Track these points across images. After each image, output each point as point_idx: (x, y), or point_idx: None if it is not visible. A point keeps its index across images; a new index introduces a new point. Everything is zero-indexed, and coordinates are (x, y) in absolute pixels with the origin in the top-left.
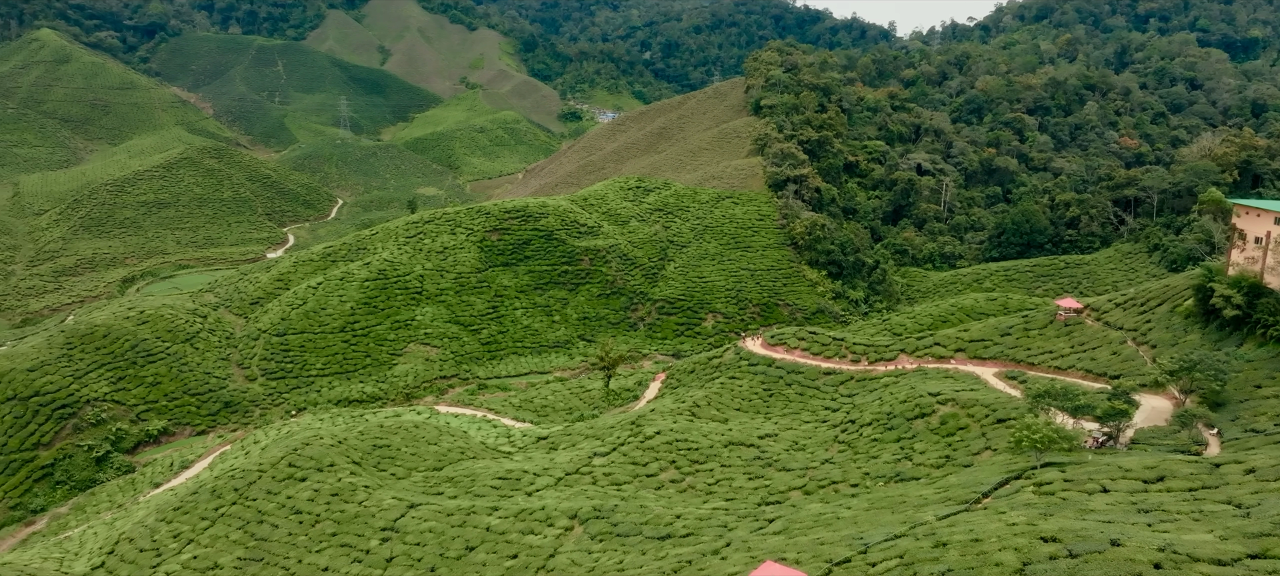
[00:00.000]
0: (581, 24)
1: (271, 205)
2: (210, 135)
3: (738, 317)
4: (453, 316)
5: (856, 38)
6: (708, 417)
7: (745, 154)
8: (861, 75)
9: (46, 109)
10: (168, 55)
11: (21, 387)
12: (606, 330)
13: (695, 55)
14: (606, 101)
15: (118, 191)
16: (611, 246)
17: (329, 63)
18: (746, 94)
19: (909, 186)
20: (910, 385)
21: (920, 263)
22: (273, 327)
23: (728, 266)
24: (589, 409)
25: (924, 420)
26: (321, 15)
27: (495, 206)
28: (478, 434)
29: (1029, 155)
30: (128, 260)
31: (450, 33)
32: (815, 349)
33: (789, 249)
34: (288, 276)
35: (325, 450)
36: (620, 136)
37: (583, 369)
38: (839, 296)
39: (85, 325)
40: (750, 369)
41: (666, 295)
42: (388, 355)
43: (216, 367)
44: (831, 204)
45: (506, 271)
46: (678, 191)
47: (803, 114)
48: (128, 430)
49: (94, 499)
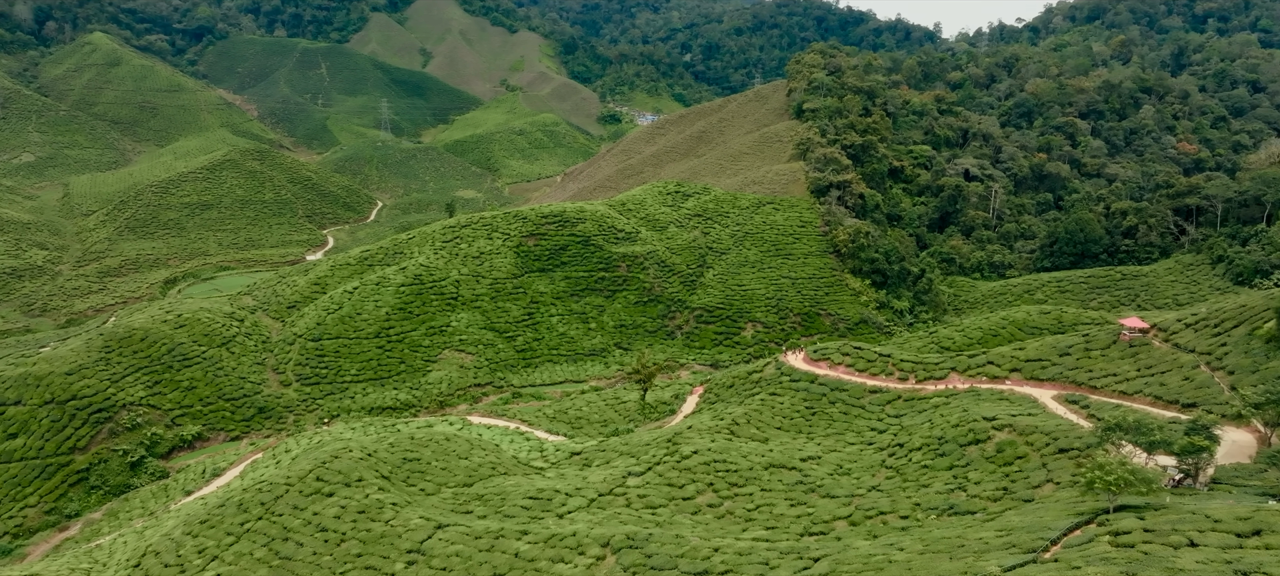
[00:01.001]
0: (622, 26)
1: (312, 207)
2: (254, 137)
3: (778, 327)
4: (488, 323)
5: (901, 39)
6: (747, 437)
7: (787, 158)
8: (907, 78)
9: (97, 111)
10: (215, 58)
11: (60, 391)
12: (643, 338)
13: (736, 57)
14: (646, 104)
15: (162, 193)
16: (649, 253)
17: (371, 65)
18: (788, 97)
19: (956, 193)
20: (962, 407)
21: (968, 272)
22: (308, 332)
23: (768, 274)
24: (624, 422)
25: (978, 446)
26: (365, 18)
27: (532, 211)
28: (510, 447)
29: (1082, 161)
30: (170, 261)
31: (491, 35)
32: (860, 365)
33: (831, 257)
34: (324, 280)
35: (354, 464)
36: (659, 140)
37: (618, 378)
38: (883, 306)
39: (123, 328)
40: (792, 385)
41: (705, 303)
42: (422, 362)
43: (252, 372)
44: (875, 210)
45: (543, 277)
46: (717, 197)
47: (846, 118)
48: (162, 435)
49: (127, 504)
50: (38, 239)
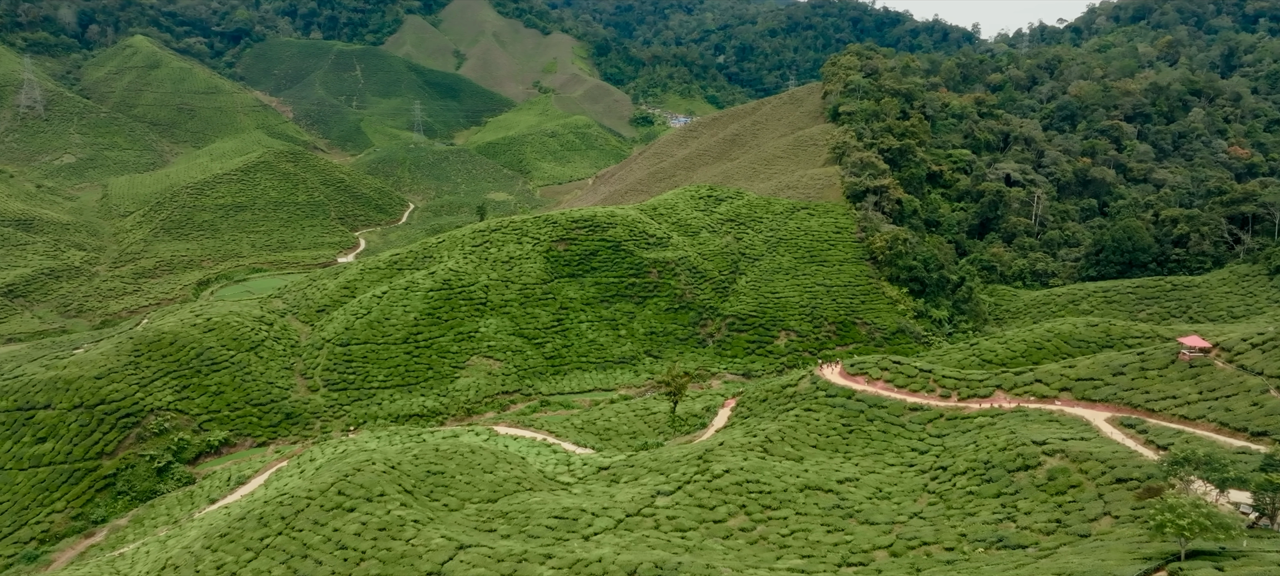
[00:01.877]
0: (655, 27)
1: (344, 209)
2: (289, 138)
3: (812, 336)
4: (516, 329)
5: (938, 41)
6: (781, 455)
7: (822, 163)
8: (945, 80)
9: (137, 113)
10: (252, 60)
11: (88, 395)
12: (674, 346)
13: (770, 59)
14: (679, 106)
15: (198, 194)
16: (681, 258)
17: (405, 67)
18: (824, 99)
19: (997, 198)
20: (1010, 429)
21: (1009, 280)
22: (336, 337)
23: (802, 281)
24: (654, 435)
25: (1028, 473)
26: (399, 20)
27: (563, 216)
28: (536, 460)
29: (1128, 165)
30: (204, 263)
31: (524, 37)
32: (900, 381)
33: (868, 264)
34: (354, 284)
35: (376, 477)
36: (692, 143)
37: (648, 387)
38: (921, 315)
39: (153, 332)
40: (828, 400)
41: (737, 311)
42: (450, 368)
43: (279, 377)
44: (913, 216)
45: (572, 283)
46: (750, 201)
47: (883, 121)
48: (189, 440)
49: (153, 511)
50: (76, 239)
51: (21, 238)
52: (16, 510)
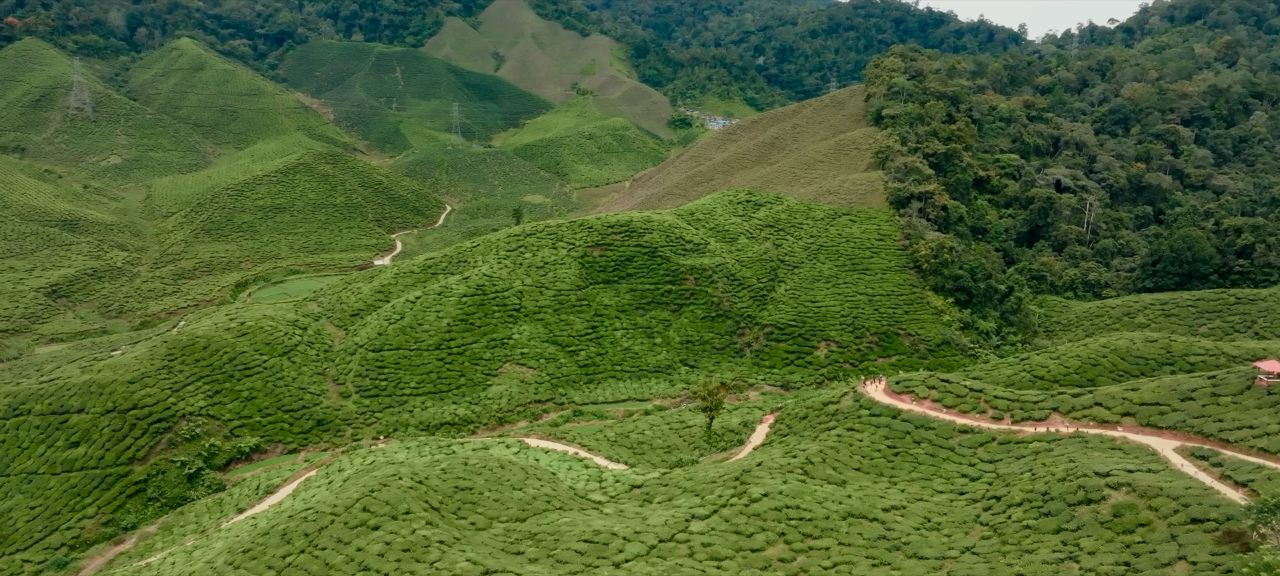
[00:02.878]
0: (694, 29)
1: (382, 211)
2: (329, 140)
3: (853, 347)
4: (550, 336)
5: (983, 42)
6: (823, 478)
7: (864, 167)
8: (992, 82)
9: (181, 114)
10: (294, 62)
11: (121, 400)
12: (710, 356)
13: (810, 60)
14: (717, 108)
15: (238, 195)
16: (718, 265)
17: (445, 69)
18: (866, 102)
19: (1047, 205)
20: (1069, 457)
21: (1059, 291)
22: (369, 343)
23: (843, 290)
24: (689, 450)
25: (1091, 507)
26: (440, 22)
27: (598, 220)
28: (567, 475)
29: (1185, 171)
30: (242, 264)
31: (563, 39)
32: (949, 400)
33: (912, 272)
34: (388, 288)
35: (402, 494)
36: (730, 146)
37: (683, 398)
38: (967, 327)
39: (187, 336)
40: (872, 420)
41: (776, 320)
42: (482, 376)
43: (312, 383)
44: (959, 223)
45: (608, 289)
46: (790, 206)
47: (928, 125)
48: (220, 446)
49: (182, 518)
50: (119, 240)
51: (67, 238)
52: (48, 515)
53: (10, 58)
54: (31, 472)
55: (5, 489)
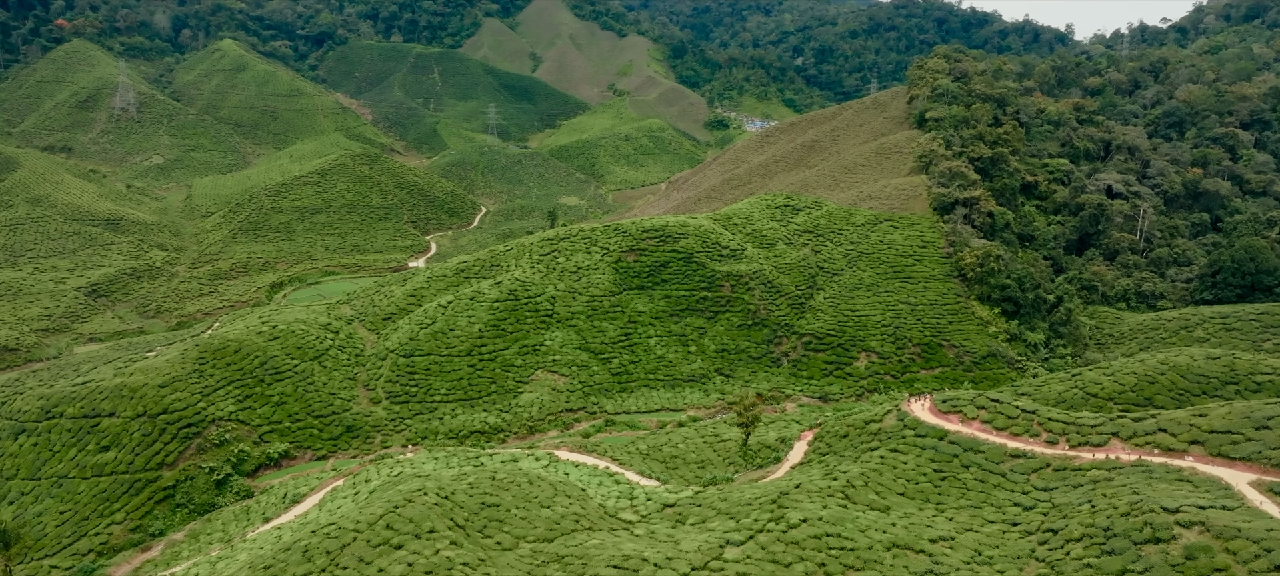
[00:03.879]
0: (732, 29)
1: (417, 212)
2: (367, 141)
3: (895, 358)
4: (583, 343)
5: (1028, 42)
6: (865, 503)
7: (907, 172)
8: (1039, 84)
9: (222, 115)
10: (334, 63)
11: (152, 404)
12: (746, 365)
13: (850, 61)
14: (755, 109)
15: (275, 196)
16: (755, 272)
17: (482, 70)
18: (909, 105)
19: (1098, 211)
20: (1132, 488)
21: (1111, 301)
22: (400, 348)
23: (885, 299)
24: (723, 465)
25: (1159, 547)
26: (478, 23)
27: (633, 225)
28: (598, 492)
29: (1244, 177)
30: (279, 265)
31: (600, 39)
32: (1000, 422)
33: (956, 281)
34: (421, 292)
35: (426, 511)
36: (768, 148)
37: (718, 409)
38: (1014, 338)
39: (218, 339)
40: (917, 441)
41: (814, 329)
42: (513, 383)
43: (342, 388)
44: (1006, 230)
45: (641, 295)
46: (830, 212)
47: (974, 128)
48: (249, 452)
49: (209, 525)
50: (159, 240)
51: (108, 237)
52: (77, 520)
53: (59, 59)
54: (62, 476)
55: (36, 493)
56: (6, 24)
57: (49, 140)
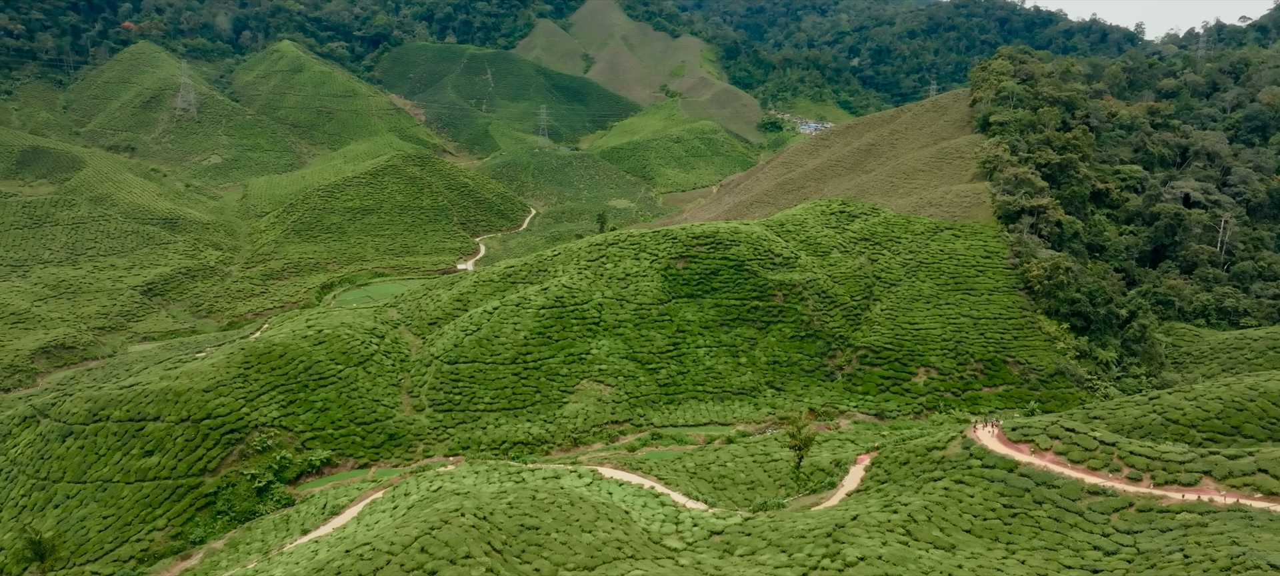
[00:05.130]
0: (786, 30)
1: (467, 214)
2: (419, 142)
3: (956, 375)
4: (630, 352)
5: (1095, 43)
6: (928, 540)
7: (969, 178)
8: (1109, 86)
9: (279, 115)
10: (389, 64)
11: (196, 409)
12: (798, 378)
13: (908, 62)
14: (809, 110)
15: (328, 197)
16: (809, 281)
17: (534, 71)
18: (971, 108)
19: (1174, 221)
20: (1231, 538)
21: (1189, 317)
22: (445, 354)
23: (945, 311)
24: (774, 488)
25: None
26: (531, 24)
27: (683, 231)
28: (642, 514)
29: None
30: (329, 266)
31: (653, 40)
32: (1076, 454)
33: (1022, 294)
34: (467, 297)
35: (462, 534)
36: (823, 152)
37: (768, 423)
38: (1084, 355)
39: (264, 343)
40: (984, 471)
41: (870, 342)
42: (558, 392)
43: (386, 395)
44: (1074, 240)
45: (691, 304)
46: (888, 219)
47: (1041, 132)
48: (292, 459)
49: (249, 535)
50: (214, 239)
51: (165, 237)
52: (120, 526)
53: (125, 61)
54: (107, 480)
55: (81, 497)
56: (77, 27)
57: (114, 140)
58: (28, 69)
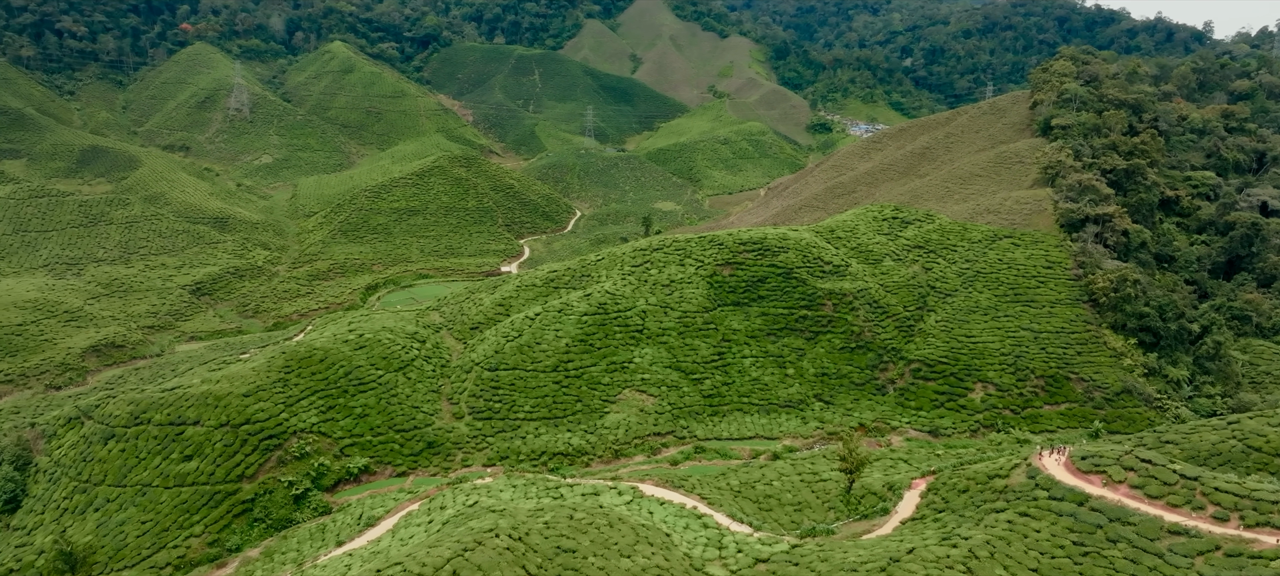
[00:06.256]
0: (837, 29)
1: (512, 216)
2: (467, 142)
3: (1015, 391)
4: (673, 361)
5: (1161, 42)
6: None
7: (1029, 184)
8: (1178, 87)
9: (330, 115)
10: (438, 64)
11: (235, 414)
12: (847, 391)
13: (962, 62)
14: (860, 112)
15: (375, 197)
16: (860, 290)
17: (582, 71)
18: (1032, 110)
19: (1251, 231)
20: None
21: (1268, 334)
22: (485, 360)
23: (1004, 324)
24: (822, 511)
25: None
26: (579, 25)
27: (729, 237)
28: (684, 537)
29: None
30: (375, 266)
31: (701, 40)
32: (1154, 488)
33: (1086, 307)
34: (509, 301)
35: (496, 557)
36: (875, 155)
37: (816, 438)
38: (1153, 373)
39: (304, 348)
40: (1051, 504)
41: (924, 355)
42: (600, 402)
43: (425, 401)
44: (1142, 250)
45: (737, 312)
46: (943, 226)
47: (1106, 136)
48: (329, 466)
49: (284, 543)
50: (262, 239)
51: (216, 236)
52: (157, 532)
53: (182, 61)
54: (146, 485)
55: (120, 501)
56: (137, 28)
57: (169, 139)
58: (90, 70)
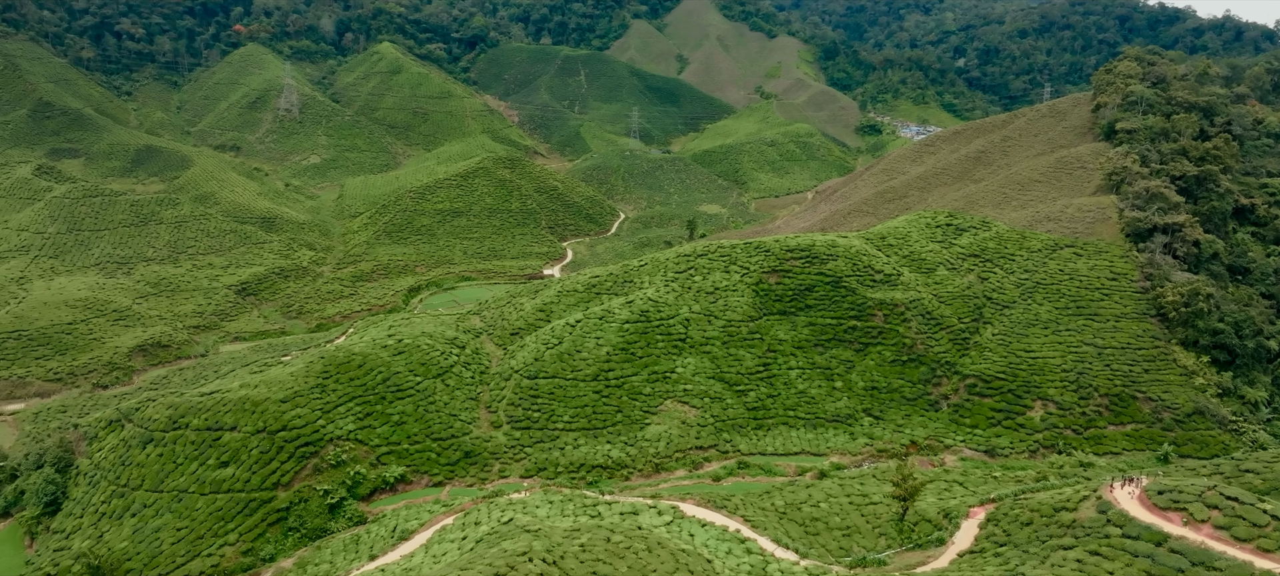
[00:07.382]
0: (887, 29)
1: (555, 218)
2: (512, 143)
3: (1077, 410)
4: (717, 372)
5: (1229, 41)
6: None
7: (1092, 190)
8: (1252, 89)
9: (377, 116)
10: (485, 65)
11: (272, 420)
12: (898, 406)
13: (1018, 62)
14: (911, 114)
15: (419, 198)
16: (912, 300)
17: (628, 72)
18: (1094, 113)
19: None
20: None
21: None
22: (525, 368)
23: (1065, 338)
24: (873, 537)
25: None
26: (626, 25)
27: (776, 243)
28: (725, 562)
29: None
30: (418, 268)
31: (749, 40)
32: (1240, 530)
33: (1154, 322)
34: (550, 307)
35: None
36: (928, 159)
37: (865, 455)
38: (1227, 394)
39: (343, 353)
40: (1126, 543)
41: (980, 370)
42: (640, 413)
43: (463, 409)
44: (1214, 260)
45: (783, 322)
46: (1000, 234)
47: (1175, 141)
48: (365, 474)
49: (318, 554)
50: (308, 239)
51: (262, 236)
52: (192, 539)
53: (235, 62)
54: (182, 491)
55: (157, 507)
56: (192, 30)
57: (221, 139)
58: (146, 71)
